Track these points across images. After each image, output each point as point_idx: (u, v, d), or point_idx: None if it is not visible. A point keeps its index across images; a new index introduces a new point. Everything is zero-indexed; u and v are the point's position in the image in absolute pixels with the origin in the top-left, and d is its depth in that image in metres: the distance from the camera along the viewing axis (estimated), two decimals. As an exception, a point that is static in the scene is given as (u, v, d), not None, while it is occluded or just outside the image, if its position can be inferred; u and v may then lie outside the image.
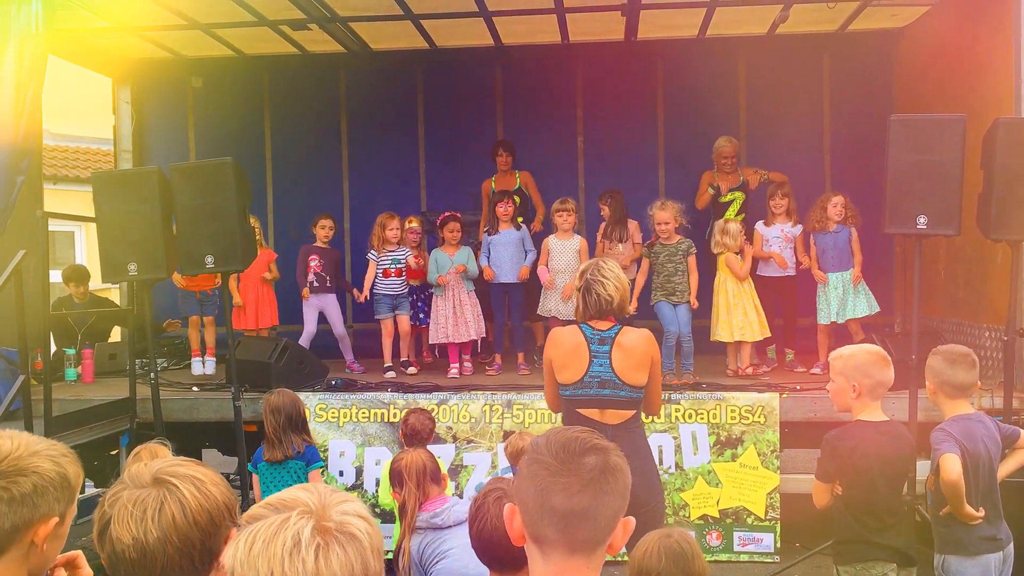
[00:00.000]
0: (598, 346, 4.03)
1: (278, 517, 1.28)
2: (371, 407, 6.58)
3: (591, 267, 4.17)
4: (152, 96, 9.89)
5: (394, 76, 9.64)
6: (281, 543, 1.24)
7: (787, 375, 7.21)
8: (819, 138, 9.19)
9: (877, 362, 3.75)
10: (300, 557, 1.23)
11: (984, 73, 6.75)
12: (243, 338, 7.43)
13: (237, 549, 1.28)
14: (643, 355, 4.04)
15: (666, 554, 2.63)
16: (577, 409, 4.04)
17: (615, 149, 9.33)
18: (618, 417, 4.01)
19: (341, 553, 1.26)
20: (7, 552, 1.73)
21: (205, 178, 6.19)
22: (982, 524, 3.81)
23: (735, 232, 7.22)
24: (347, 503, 1.33)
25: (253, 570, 1.24)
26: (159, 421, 6.23)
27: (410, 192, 9.56)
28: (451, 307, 7.53)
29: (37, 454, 1.77)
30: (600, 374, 4.00)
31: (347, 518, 1.30)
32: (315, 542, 1.25)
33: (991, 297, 6.65)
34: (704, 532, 6.28)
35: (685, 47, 8.96)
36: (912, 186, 5.63)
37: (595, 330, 4.07)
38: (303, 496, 1.32)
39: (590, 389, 4.01)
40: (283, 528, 1.26)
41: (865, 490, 3.75)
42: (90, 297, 8.83)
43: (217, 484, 1.66)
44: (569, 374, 4.05)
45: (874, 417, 3.78)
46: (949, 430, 3.84)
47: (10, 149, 6.54)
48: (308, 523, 1.26)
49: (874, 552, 3.75)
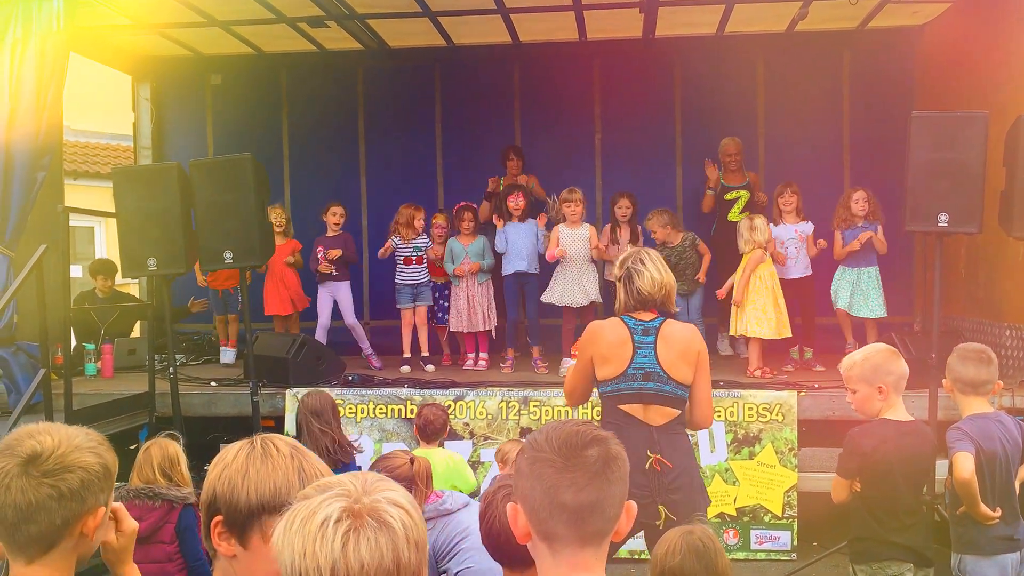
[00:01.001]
0: (642, 336, 3.86)
1: (320, 498, 1.30)
2: (388, 403, 6.60)
3: (632, 256, 4.01)
4: (171, 93, 9.96)
5: (411, 73, 9.65)
6: (316, 523, 1.27)
7: (806, 373, 7.17)
8: (838, 136, 9.12)
9: (890, 358, 3.74)
10: (330, 537, 1.25)
11: (1006, 70, 6.69)
12: (261, 333, 7.47)
13: (281, 526, 1.31)
14: (687, 347, 3.87)
15: (689, 551, 2.61)
16: (619, 406, 3.85)
17: (632, 147, 9.31)
18: (663, 416, 3.82)
19: (371, 538, 1.26)
20: (58, 545, 1.76)
21: (224, 174, 6.23)
22: (999, 524, 3.78)
23: (762, 227, 7.12)
24: (389, 491, 1.34)
25: (290, 546, 1.27)
26: (178, 415, 6.27)
27: (427, 189, 9.56)
28: (465, 297, 7.60)
29: (79, 448, 1.80)
30: (644, 365, 3.81)
31: (383, 505, 1.30)
32: (345, 524, 1.26)
33: (1012, 296, 6.60)
34: (721, 530, 6.26)
35: (703, 44, 8.93)
36: (933, 184, 5.58)
37: (638, 320, 3.90)
38: (347, 480, 1.34)
39: (634, 382, 3.82)
40: (320, 508, 1.28)
41: (886, 489, 3.72)
42: (113, 292, 8.91)
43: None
44: (611, 368, 3.86)
45: (898, 416, 3.76)
46: (965, 428, 3.81)
47: (31, 145, 6.59)
48: (339, 505, 1.28)
49: (891, 552, 3.72)
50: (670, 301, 4.00)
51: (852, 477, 3.80)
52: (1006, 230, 5.70)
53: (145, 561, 3.90)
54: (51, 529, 1.74)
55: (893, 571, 3.71)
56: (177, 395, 6.32)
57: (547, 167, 8.84)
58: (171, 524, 3.87)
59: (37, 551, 1.75)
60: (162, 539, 3.87)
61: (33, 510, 1.72)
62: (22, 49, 6.58)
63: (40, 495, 1.72)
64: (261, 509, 1.67)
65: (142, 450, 4.05)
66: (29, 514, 1.72)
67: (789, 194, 7.46)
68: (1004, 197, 5.66)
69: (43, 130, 6.66)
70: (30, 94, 6.58)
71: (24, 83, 6.57)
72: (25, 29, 6.58)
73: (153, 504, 3.87)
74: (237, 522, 1.69)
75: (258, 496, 1.67)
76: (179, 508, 3.88)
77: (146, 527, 3.85)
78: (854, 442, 3.79)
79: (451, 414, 6.37)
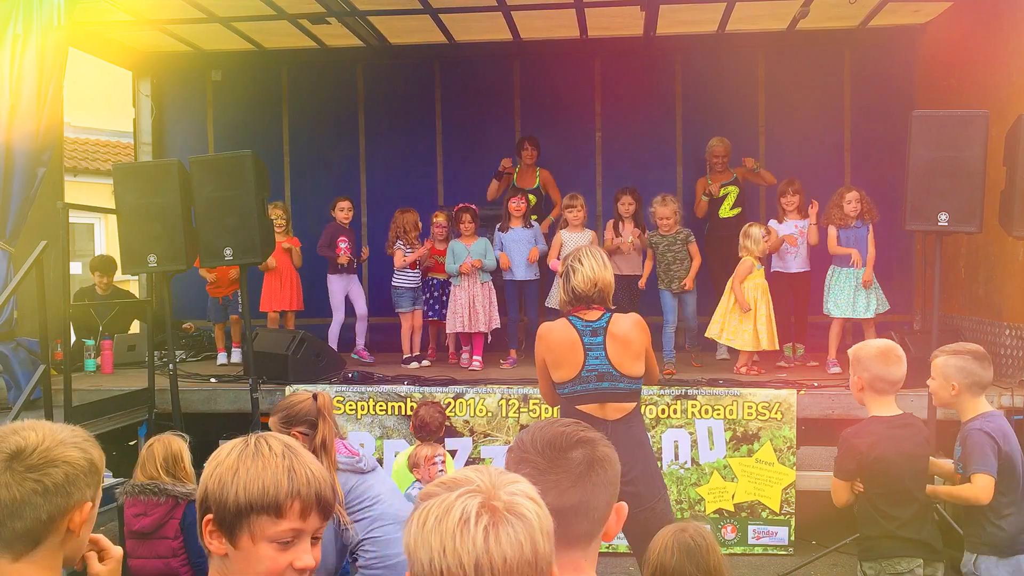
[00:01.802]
0: (591, 338, 3.90)
1: (450, 495, 1.30)
2: (388, 400, 6.60)
3: (572, 254, 4.05)
4: (172, 89, 9.96)
5: (412, 70, 9.65)
6: (453, 520, 1.26)
7: (803, 371, 7.17)
8: (839, 135, 9.12)
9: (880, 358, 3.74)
10: (471, 533, 1.25)
11: (1007, 69, 6.69)
12: (261, 330, 7.47)
13: (412, 525, 1.31)
14: (638, 344, 3.95)
15: (679, 549, 2.62)
16: (576, 406, 3.91)
17: (633, 145, 9.31)
18: (619, 411, 3.92)
19: (511, 532, 1.27)
20: (45, 541, 1.76)
21: (224, 170, 6.23)
22: (1016, 522, 3.72)
23: (757, 236, 7.10)
24: (516, 484, 1.35)
25: (426, 546, 1.27)
26: (177, 412, 6.27)
27: (427, 186, 9.57)
28: (467, 297, 7.57)
29: (64, 443, 1.80)
30: (597, 367, 3.88)
31: (516, 498, 1.31)
32: (484, 519, 1.27)
33: (1012, 295, 6.60)
34: (719, 525, 6.28)
35: (704, 43, 8.93)
36: (933, 183, 5.59)
37: (585, 321, 3.94)
38: (474, 476, 1.34)
39: (588, 384, 3.89)
40: (455, 505, 1.28)
41: (889, 484, 3.72)
42: (113, 289, 8.90)
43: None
44: (564, 371, 3.92)
45: (887, 412, 3.76)
46: (993, 435, 3.72)
47: (31, 142, 6.59)
48: (477, 500, 1.28)
49: (901, 547, 3.71)
50: (607, 298, 4.02)
51: (851, 478, 3.79)
52: (1006, 229, 5.70)
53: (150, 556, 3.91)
54: (37, 525, 1.74)
55: (903, 567, 3.70)
56: (177, 391, 6.32)
57: (548, 165, 8.82)
58: (175, 520, 3.88)
59: (23, 547, 1.74)
60: (166, 535, 3.88)
61: (18, 505, 1.72)
62: (23, 45, 6.58)
63: (25, 490, 1.72)
64: (250, 508, 1.67)
65: (146, 447, 4.06)
66: (14, 509, 1.72)
67: (791, 194, 7.47)
68: (1004, 196, 5.66)
69: (43, 126, 6.65)
70: (30, 90, 6.57)
71: (24, 79, 6.56)
72: (26, 25, 6.57)
73: (158, 500, 3.88)
74: (226, 521, 1.69)
75: (247, 495, 1.67)
76: (183, 504, 3.88)
77: (150, 523, 3.86)
78: (848, 443, 3.78)
79: (451, 411, 6.39)
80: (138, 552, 3.91)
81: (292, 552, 1.71)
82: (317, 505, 1.72)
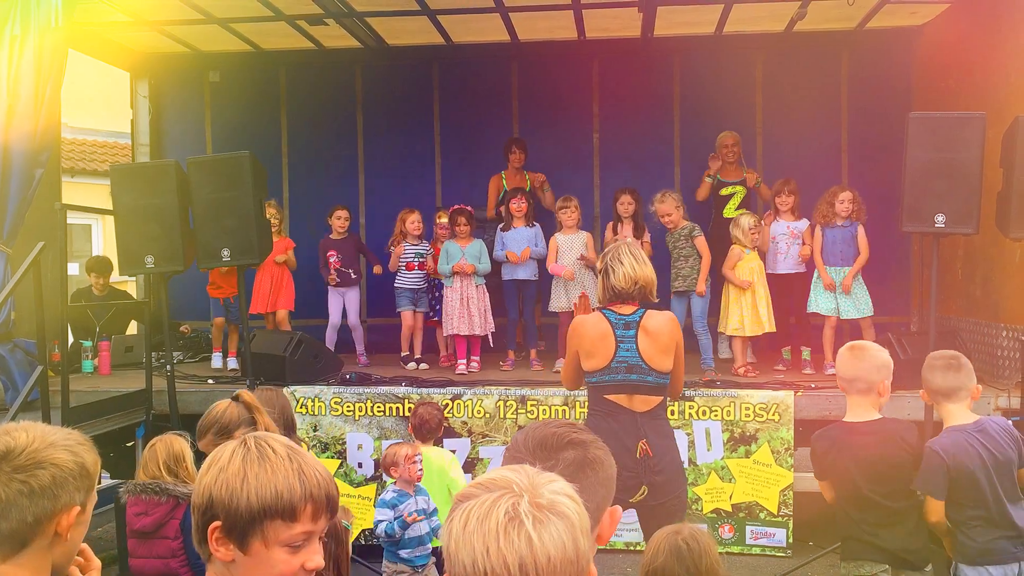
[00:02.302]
0: (623, 331, 4.02)
1: (490, 496, 1.30)
2: (386, 401, 6.60)
3: (612, 251, 4.15)
4: (170, 90, 9.96)
5: (410, 72, 9.65)
6: (495, 520, 1.26)
7: (801, 374, 7.17)
8: (836, 136, 9.13)
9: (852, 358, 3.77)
10: (515, 533, 1.25)
11: (1004, 71, 6.70)
12: (258, 332, 7.46)
13: (452, 527, 1.30)
14: (668, 339, 4.04)
15: (670, 552, 2.63)
16: (605, 395, 4.03)
17: (631, 146, 9.32)
18: (646, 404, 4.00)
19: (554, 531, 1.27)
20: (31, 543, 1.75)
21: (222, 171, 6.24)
22: (990, 530, 3.67)
23: (746, 227, 7.17)
24: (555, 483, 1.34)
25: (468, 547, 1.26)
26: (175, 413, 6.27)
27: (425, 188, 9.57)
28: (458, 299, 7.55)
29: (53, 445, 1.79)
30: (627, 359, 3.98)
31: (557, 497, 1.31)
32: (529, 519, 1.26)
33: (1009, 297, 6.61)
34: (716, 525, 6.29)
35: (702, 44, 8.94)
36: (930, 184, 5.59)
37: (619, 315, 4.06)
38: (512, 476, 1.34)
39: (617, 374, 4.00)
40: (496, 506, 1.28)
41: (848, 490, 3.74)
42: (109, 290, 8.89)
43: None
44: (596, 361, 4.04)
45: (857, 417, 3.75)
46: (939, 451, 3.67)
47: (29, 142, 6.58)
48: (522, 500, 1.28)
49: (867, 552, 3.73)
50: (649, 294, 4.13)
51: (823, 479, 3.86)
52: (1003, 231, 5.71)
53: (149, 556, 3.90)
54: (23, 526, 1.73)
55: (866, 571, 3.72)
56: (174, 392, 6.32)
57: (545, 166, 8.84)
58: (176, 520, 3.86)
59: (10, 549, 1.74)
60: (167, 535, 3.87)
61: (4, 506, 1.71)
62: (20, 45, 6.57)
63: (10, 491, 1.72)
64: (263, 514, 1.64)
65: (148, 447, 4.05)
66: (0, 511, 1.71)
67: (787, 194, 7.49)
68: (1001, 198, 5.67)
69: (41, 127, 6.65)
70: (28, 91, 6.57)
71: (22, 80, 6.56)
72: (24, 25, 6.56)
73: (159, 499, 3.86)
74: (237, 527, 1.65)
75: (260, 501, 1.64)
76: (184, 504, 3.87)
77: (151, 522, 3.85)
78: (812, 446, 3.86)
79: (449, 412, 6.39)
80: (138, 552, 3.90)
81: (303, 554, 1.69)
82: (327, 506, 1.71)
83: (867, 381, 3.71)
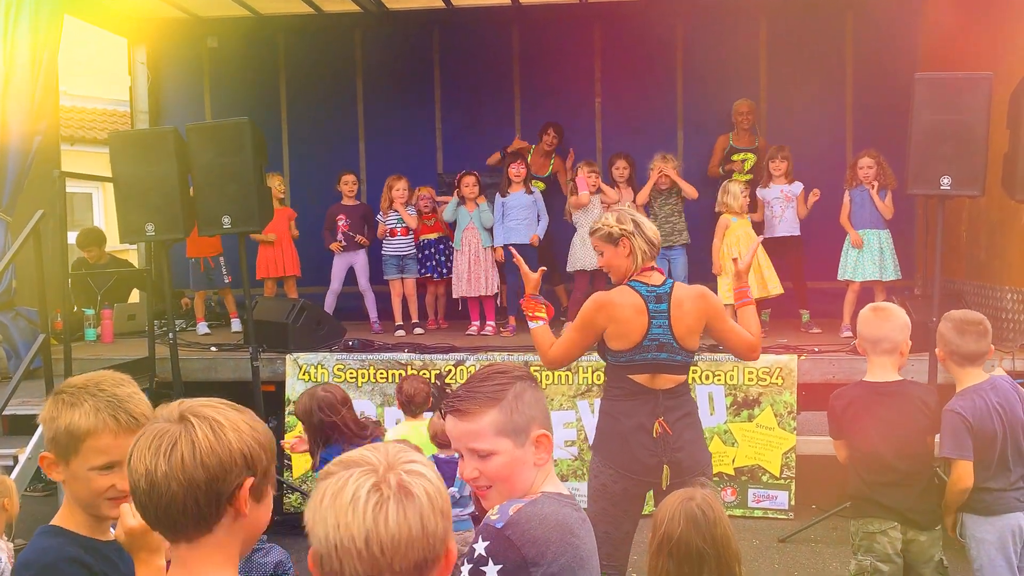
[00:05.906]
0: (656, 305, 3.74)
1: (347, 473, 1.39)
2: (389, 368, 6.60)
3: (626, 211, 3.91)
4: (168, 57, 9.86)
5: (410, 36, 9.55)
6: (346, 497, 1.35)
7: (803, 337, 7.16)
8: (841, 98, 9.03)
9: (873, 318, 3.77)
10: (362, 509, 1.34)
11: (1011, 31, 6.61)
12: (261, 299, 7.46)
13: (312, 502, 1.39)
14: (699, 315, 3.79)
15: (686, 518, 2.57)
16: (629, 375, 3.77)
17: (633, 110, 9.22)
18: (668, 382, 3.77)
19: (401, 508, 1.35)
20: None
21: (222, 138, 6.19)
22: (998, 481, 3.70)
23: (736, 192, 7.18)
24: (412, 463, 1.42)
25: (322, 521, 1.36)
26: (178, 381, 6.28)
27: (426, 153, 9.51)
28: (467, 262, 7.57)
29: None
30: (659, 336, 3.71)
31: (410, 478, 1.39)
32: (373, 498, 1.35)
33: (1013, 259, 6.57)
34: (719, 488, 6.31)
35: (706, 6, 8.82)
36: (936, 146, 5.54)
37: (649, 287, 3.77)
38: (371, 455, 1.42)
39: (648, 353, 3.72)
40: (349, 483, 1.37)
41: (865, 449, 3.75)
42: (109, 258, 8.87)
43: (239, 430, 1.58)
44: (626, 340, 3.74)
45: (877, 377, 3.76)
46: (960, 412, 3.68)
47: (27, 110, 6.54)
48: (368, 480, 1.37)
49: (874, 510, 3.74)
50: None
51: (839, 437, 3.87)
52: (1009, 193, 5.66)
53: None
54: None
55: (875, 528, 3.72)
56: (177, 360, 6.32)
57: (547, 130, 8.76)
58: None
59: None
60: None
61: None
62: (16, 11, 6.51)
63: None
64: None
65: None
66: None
67: (780, 160, 7.49)
68: (1007, 160, 5.62)
69: (39, 94, 6.60)
70: (24, 58, 6.51)
71: (18, 46, 6.50)
72: (19, -9, 6.49)
73: None
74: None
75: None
76: None
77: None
78: (830, 404, 3.88)
79: (451, 379, 6.39)
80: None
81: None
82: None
83: (893, 341, 3.72)
